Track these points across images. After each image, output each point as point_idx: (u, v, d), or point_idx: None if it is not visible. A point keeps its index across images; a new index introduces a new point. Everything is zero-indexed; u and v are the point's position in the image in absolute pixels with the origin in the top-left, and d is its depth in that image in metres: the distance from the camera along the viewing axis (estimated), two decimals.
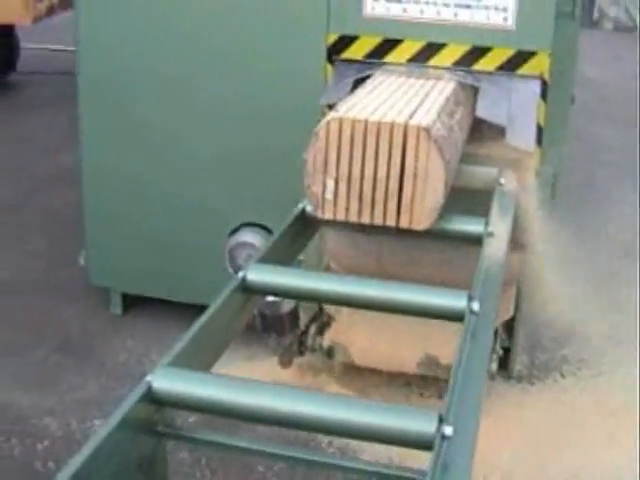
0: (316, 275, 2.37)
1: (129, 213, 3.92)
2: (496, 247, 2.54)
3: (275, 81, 3.56)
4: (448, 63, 3.31)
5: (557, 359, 3.84)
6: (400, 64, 3.34)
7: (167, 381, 1.74)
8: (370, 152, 2.57)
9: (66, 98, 7.38)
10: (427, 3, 3.28)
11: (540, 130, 3.32)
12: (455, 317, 2.13)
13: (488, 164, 3.17)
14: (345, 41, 3.40)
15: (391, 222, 2.60)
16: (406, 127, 2.54)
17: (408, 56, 3.35)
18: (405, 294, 2.19)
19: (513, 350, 3.64)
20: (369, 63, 3.38)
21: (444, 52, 3.32)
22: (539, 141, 3.33)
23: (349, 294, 2.23)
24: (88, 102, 3.87)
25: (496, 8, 3.23)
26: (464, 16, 3.26)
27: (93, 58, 3.80)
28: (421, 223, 2.59)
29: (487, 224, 2.65)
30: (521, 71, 3.27)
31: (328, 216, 2.65)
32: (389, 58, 3.36)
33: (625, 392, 3.59)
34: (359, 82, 3.28)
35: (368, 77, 3.27)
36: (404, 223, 2.59)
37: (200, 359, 1.96)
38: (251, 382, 1.75)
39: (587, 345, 3.93)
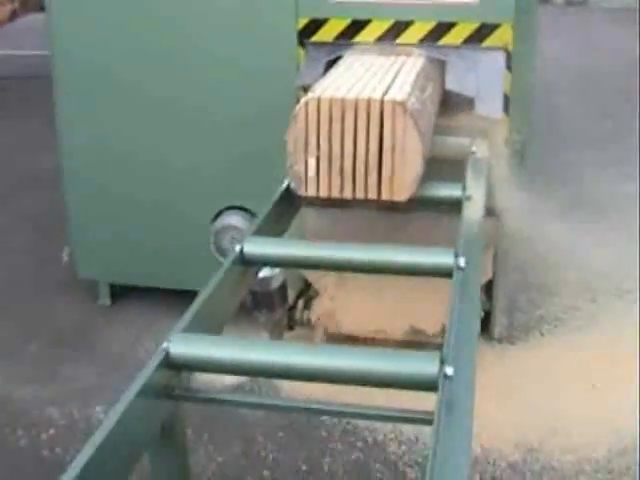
0: (309, 244, 2.49)
1: (111, 206, 4.00)
2: (474, 209, 2.68)
3: (249, 67, 3.66)
4: (415, 40, 3.43)
5: (535, 319, 4.00)
6: (369, 44, 3.46)
7: (184, 346, 1.85)
8: (349, 129, 2.68)
9: (28, 102, 7.48)
10: None
11: (507, 99, 3.47)
12: (443, 273, 2.26)
13: (460, 134, 3.31)
14: (315, 25, 3.51)
15: (373, 195, 2.71)
16: (382, 103, 2.65)
17: (376, 35, 3.46)
18: (396, 255, 2.32)
19: (493, 312, 3.79)
20: (339, 44, 3.50)
21: (411, 30, 3.44)
22: (507, 110, 3.48)
23: (343, 259, 2.35)
24: (64, 102, 3.95)
25: None
26: None
27: (66, 63, 3.87)
28: (402, 194, 2.70)
29: (464, 189, 2.79)
30: (486, 44, 3.40)
31: (311, 193, 2.76)
32: (358, 38, 3.47)
33: (602, 347, 3.75)
34: (331, 63, 3.40)
35: (340, 57, 3.39)
36: (385, 195, 2.70)
37: (208, 327, 2.07)
38: (263, 341, 1.87)
39: (562, 304, 4.10)
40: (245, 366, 1.83)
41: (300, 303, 3.60)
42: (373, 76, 2.99)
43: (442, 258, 2.27)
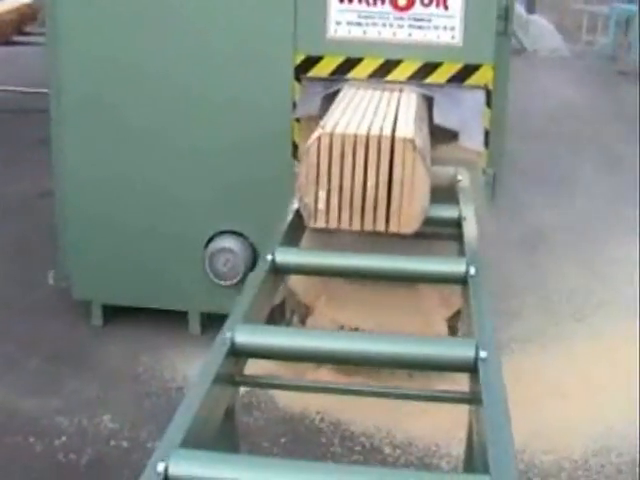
0: (335, 254, 2.70)
1: (106, 229, 4.20)
2: (471, 227, 2.96)
3: (247, 99, 3.92)
4: (404, 77, 3.76)
5: (506, 338, 4.30)
6: (362, 79, 3.76)
7: (247, 335, 2.07)
8: (359, 164, 2.85)
9: None
10: (384, 25, 3.72)
11: (487, 134, 3.80)
12: (457, 280, 2.53)
13: (445, 164, 3.62)
14: (311, 61, 3.81)
15: (380, 228, 2.86)
16: (393, 139, 2.84)
17: (368, 72, 3.78)
18: (414, 264, 2.58)
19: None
20: (333, 80, 3.79)
21: (400, 68, 3.77)
22: (486, 144, 3.81)
23: (364, 267, 2.60)
24: (60, 131, 4.15)
25: (445, 28, 3.69)
26: (417, 35, 3.72)
27: (64, 95, 4.07)
28: (409, 227, 2.87)
29: (460, 211, 3.08)
30: (468, 82, 3.74)
31: (320, 225, 2.90)
32: (352, 75, 3.79)
33: (569, 362, 4.09)
34: (327, 97, 3.69)
35: (336, 92, 3.68)
36: (393, 228, 2.86)
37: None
38: (317, 330, 2.12)
39: (529, 325, 4.43)
40: (303, 353, 2.06)
41: (295, 319, 3.83)
42: (376, 112, 3.24)
43: (456, 267, 2.54)
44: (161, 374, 3.97)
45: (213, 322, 4.35)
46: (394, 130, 2.93)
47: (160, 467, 1.59)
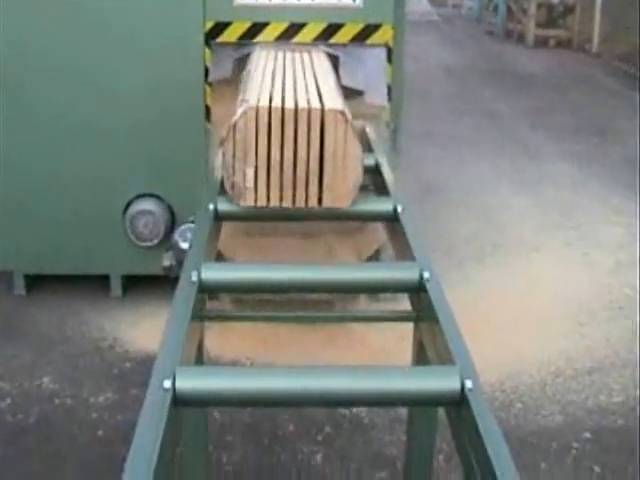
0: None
1: (25, 198, 4.27)
2: (387, 169, 3.20)
3: (163, 68, 4.07)
4: (309, 39, 3.98)
5: None
6: (270, 43, 3.96)
7: (213, 272, 2.27)
8: (289, 138, 2.74)
9: None
10: None
11: (389, 89, 4.07)
12: (388, 218, 2.78)
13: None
14: (220, 27, 3.99)
15: (313, 204, 2.77)
16: (323, 112, 2.75)
17: (275, 35, 3.98)
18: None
19: None
20: (243, 44, 3.98)
21: (305, 30, 3.99)
22: (388, 98, 4.08)
23: (297, 212, 2.81)
24: None
25: None
26: None
27: None
28: (343, 201, 2.79)
29: (375, 158, 3.33)
30: (370, 41, 3.99)
31: (249, 204, 2.77)
32: (259, 38, 3.98)
33: (475, 299, 4.47)
34: (239, 60, 3.88)
35: (247, 55, 3.86)
36: (327, 203, 2.77)
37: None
38: (275, 264, 2.33)
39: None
40: (267, 285, 2.27)
41: None
42: (295, 79, 3.23)
43: (385, 206, 2.78)
44: (90, 335, 4.11)
45: (133, 284, 4.51)
46: (322, 101, 2.86)
47: (167, 384, 1.77)
